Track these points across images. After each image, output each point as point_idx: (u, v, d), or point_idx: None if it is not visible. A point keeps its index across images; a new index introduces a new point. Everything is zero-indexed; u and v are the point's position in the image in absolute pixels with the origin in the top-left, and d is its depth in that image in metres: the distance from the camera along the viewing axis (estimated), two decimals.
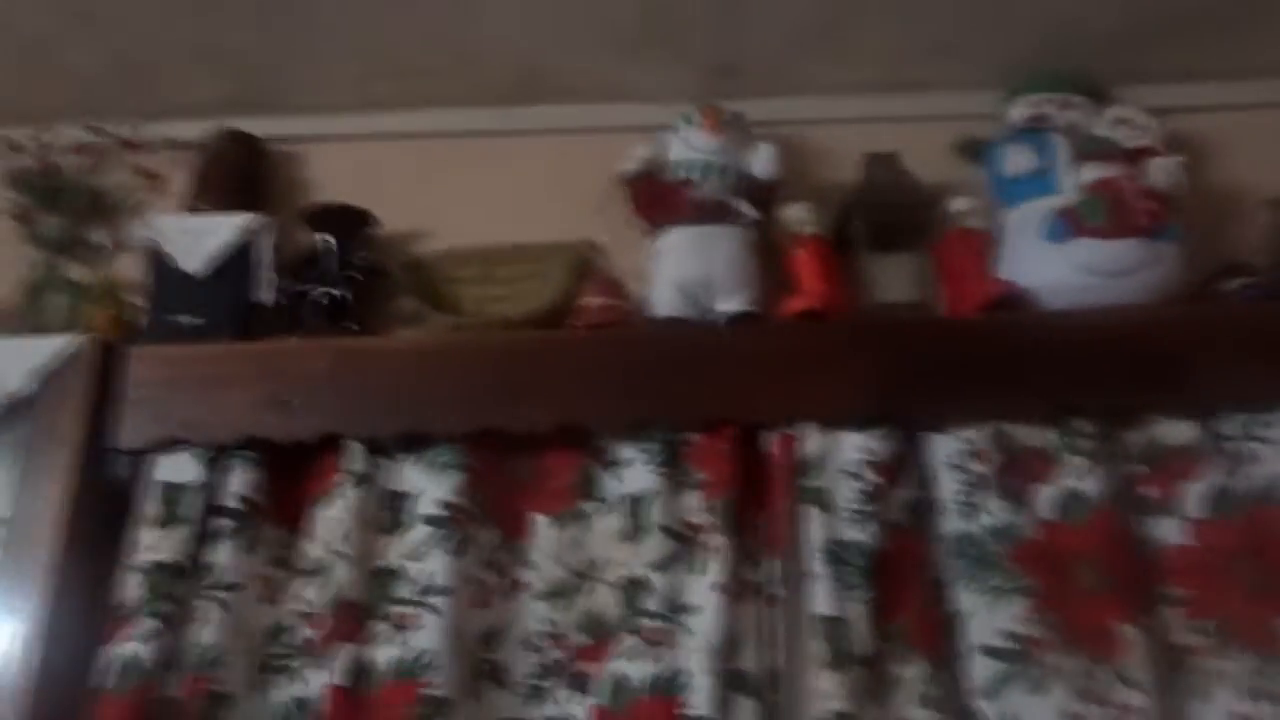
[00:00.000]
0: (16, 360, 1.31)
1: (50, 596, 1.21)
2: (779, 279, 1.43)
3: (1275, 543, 1.22)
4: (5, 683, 1.16)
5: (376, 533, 1.28)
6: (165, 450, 1.29)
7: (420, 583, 1.23)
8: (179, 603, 1.22)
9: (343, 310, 1.44)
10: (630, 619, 1.22)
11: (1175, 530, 1.25)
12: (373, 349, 1.35)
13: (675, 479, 1.29)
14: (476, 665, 1.23)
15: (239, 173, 1.54)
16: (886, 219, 1.46)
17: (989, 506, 1.24)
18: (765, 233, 1.45)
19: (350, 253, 1.47)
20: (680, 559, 1.24)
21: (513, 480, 1.33)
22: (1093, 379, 1.28)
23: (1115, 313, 1.33)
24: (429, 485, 1.29)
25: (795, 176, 1.53)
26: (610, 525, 1.29)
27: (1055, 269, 1.37)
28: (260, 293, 1.44)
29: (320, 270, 1.46)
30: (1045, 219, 1.39)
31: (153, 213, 1.53)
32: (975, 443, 1.28)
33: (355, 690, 1.18)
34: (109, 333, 1.39)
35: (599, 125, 1.61)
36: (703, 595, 1.21)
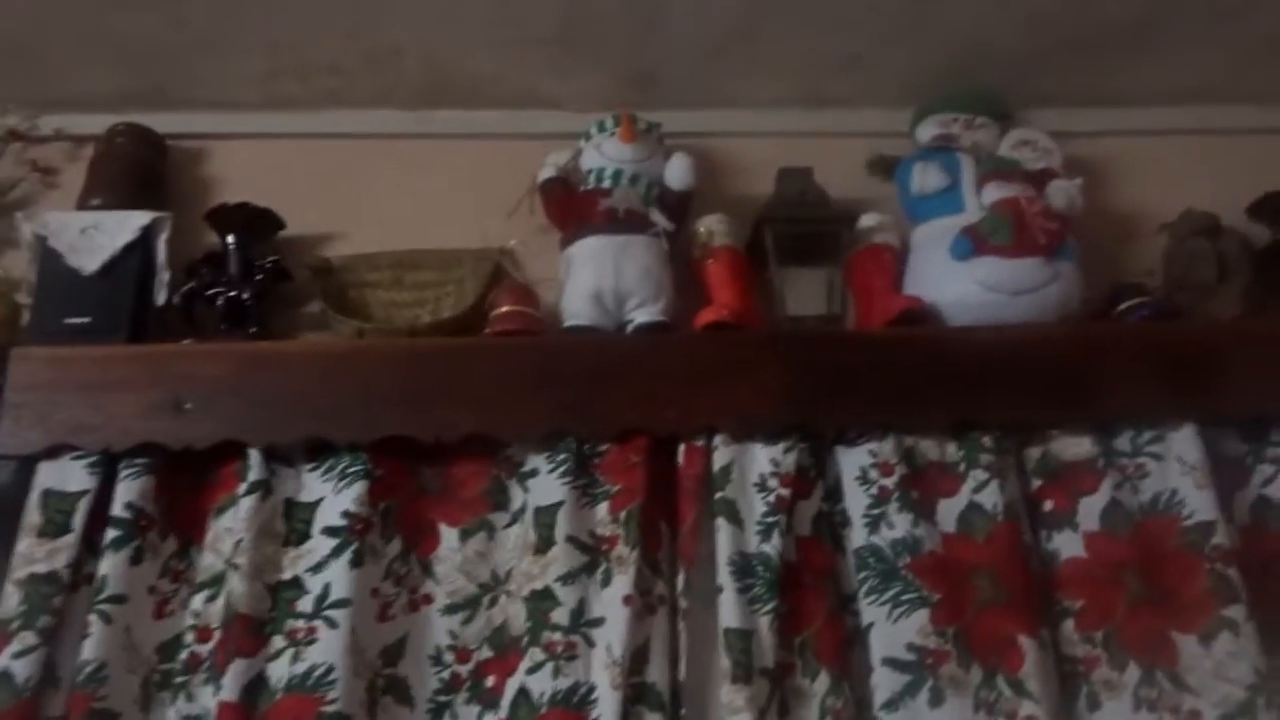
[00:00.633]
0: None
1: None
2: (691, 290, 1.44)
3: (1161, 555, 1.27)
4: None
5: (275, 544, 1.25)
6: (49, 456, 1.25)
7: (319, 595, 1.20)
8: (61, 616, 1.17)
9: (244, 313, 1.41)
10: (536, 632, 1.21)
11: (1070, 543, 1.28)
12: (274, 353, 1.32)
13: (584, 490, 1.29)
14: (377, 681, 1.21)
15: (137, 169, 1.49)
16: (798, 233, 1.48)
17: (893, 519, 1.26)
18: (678, 243, 1.46)
19: (253, 255, 1.44)
20: (588, 571, 1.24)
21: (419, 490, 1.32)
22: (994, 394, 1.31)
23: (1016, 329, 1.36)
24: (331, 495, 1.26)
25: (709, 188, 1.55)
26: (518, 537, 1.29)
27: (960, 285, 1.39)
28: (156, 294, 1.40)
29: (222, 272, 1.43)
30: (951, 237, 1.42)
31: (44, 208, 1.49)
32: (881, 455, 1.30)
33: (249, 707, 1.15)
34: None
35: (513, 131, 1.60)
36: (610, 608, 1.21)
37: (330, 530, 1.24)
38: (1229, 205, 1.53)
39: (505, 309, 1.38)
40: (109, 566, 1.19)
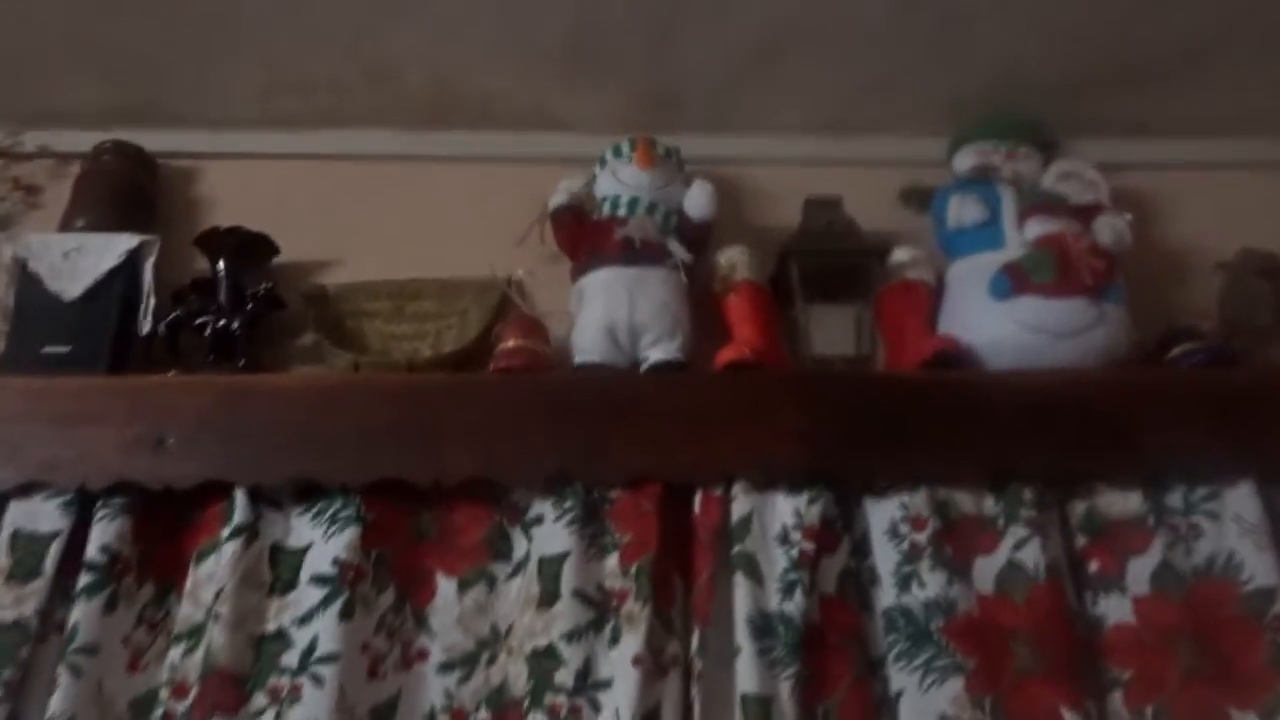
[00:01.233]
0: None
1: None
2: (710, 326, 1.43)
3: (1217, 622, 1.24)
4: None
5: (259, 592, 1.24)
6: (20, 495, 1.24)
7: (305, 649, 1.19)
8: (28, 668, 1.16)
9: (233, 344, 1.41)
10: (539, 693, 1.18)
11: (1118, 607, 1.26)
12: (263, 387, 1.31)
13: (593, 539, 1.27)
14: None
15: (124, 189, 1.50)
16: (826, 266, 1.47)
17: (925, 578, 1.24)
18: (697, 276, 1.46)
19: (245, 281, 1.45)
20: (595, 628, 1.22)
21: (415, 537, 1.30)
22: (1035, 443, 1.29)
23: (1059, 374, 1.34)
24: (320, 540, 1.25)
25: (731, 218, 1.55)
26: (520, 589, 1.27)
27: (999, 326, 1.38)
28: (141, 323, 1.40)
29: (211, 300, 1.43)
30: (990, 274, 1.41)
31: (25, 229, 1.50)
32: (912, 508, 1.28)
33: None
34: None
35: (523, 154, 1.61)
36: (619, 668, 1.19)
37: (319, 579, 1.22)
38: None
39: (511, 343, 1.37)
40: (81, 614, 1.18)
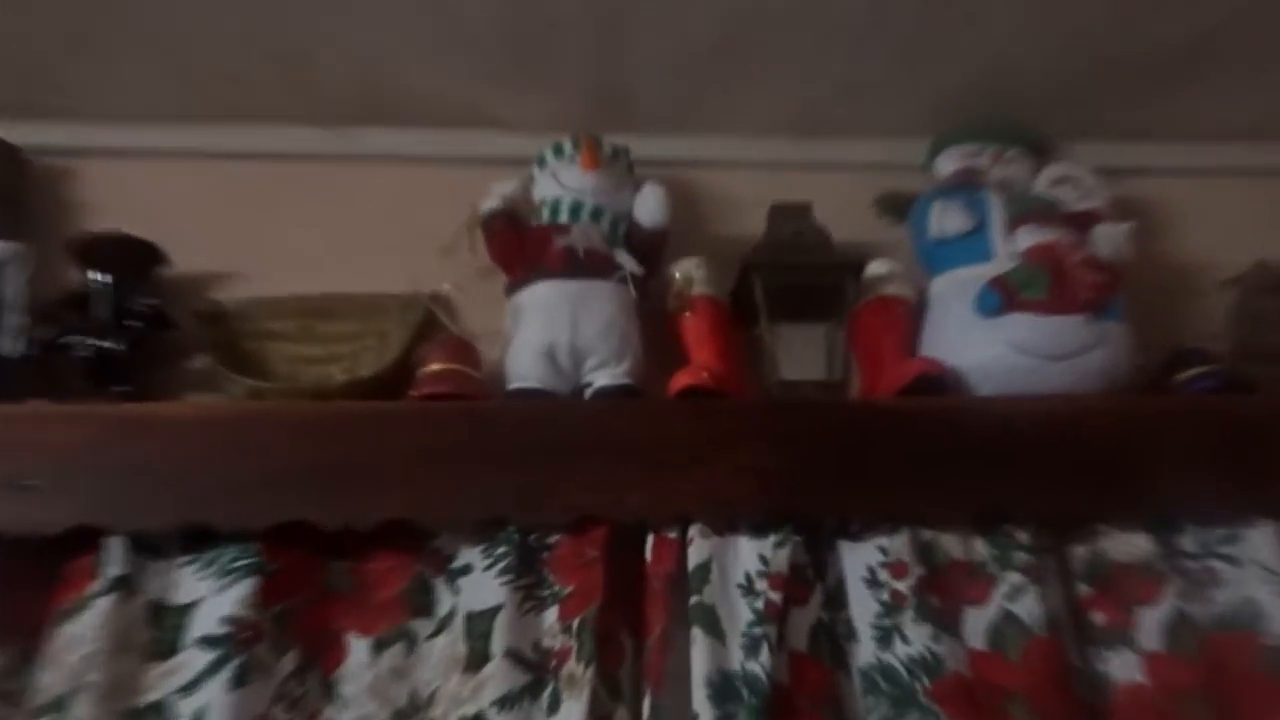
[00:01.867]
0: None
1: None
2: (664, 348, 1.43)
3: (1235, 680, 1.23)
4: None
5: (137, 658, 1.19)
6: None
7: None
8: None
9: (114, 369, 1.38)
10: None
11: (1125, 664, 1.25)
12: (148, 418, 1.27)
13: (529, 592, 1.26)
14: None
15: None
16: (794, 282, 1.46)
17: (908, 632, 1.23)
18: (649, 292, 1.46)
19: (129, 296, 1.42)
20: (531, 693, 1.20)
21: (322, 590, 1.28)
22: (1029, 479, 1.28)
23: (1055, 401, 1.33)
24: (210, 595, 1.21)
25: (687, 226, 1.56)
26: (444, 649, 1.24)
27: (986, 347, 1.38)
28: (5, 341, 1.37)
29: (89, 316, 1.40)
30: (976, 289, 1.41)
31: None
32: (893, 553, 1.28)
33: None
34: None
35: (453, 154, 1.61)
36: None
37: (207, 641, 1.18)
38: None
39: (436, 367, 1.36)
40: None
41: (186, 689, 1.16)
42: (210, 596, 1.21)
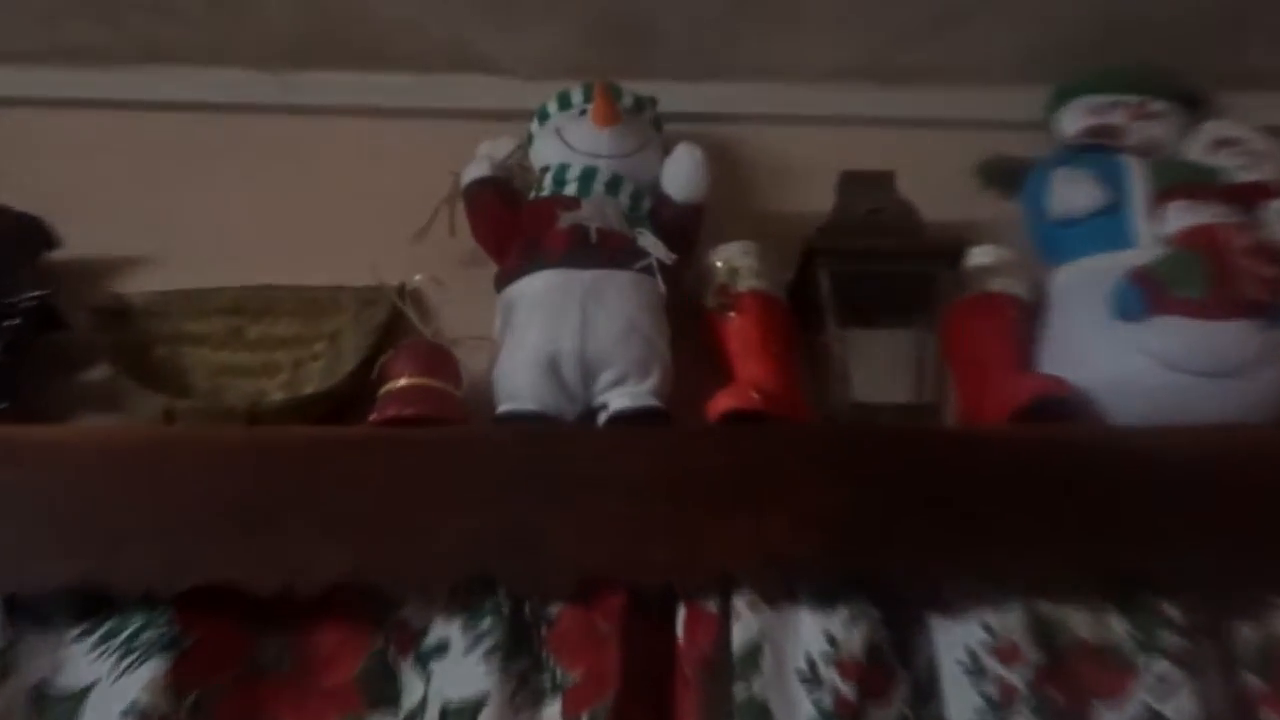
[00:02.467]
0: None
1: None
2: (701, 359, 1.42)
3: None
4: None
5: None
6: None
7: None
8: None
9: None
10: None
11: None
12: (29, 444, 1.25)
13: (523, 679, 1.23)
14: None
15: None
16: (871, 273, 1.45)
17: None
18: (682, 286, 1.45)
19: (7, 286, 1.42)
20: None
21: (254, 671, 1.26)
22: (1182, 536, 1.25)
23: (1215, 432, 1.31)
24: (109, 677, 1.19)
25: (731, 200, 1.56)
26: None
27: (1125, 360, 1.36)
28: None
29: None
30: (1111, 284, 1.39)
31: None
32: (1001, 632, 1.24)
33: None
34: None
35: (428, 105, 1.63)
36: None
37: None
38: None
39: (404, 383, 1.35)
40: None
41: None
42: (107, 680, 1.19)
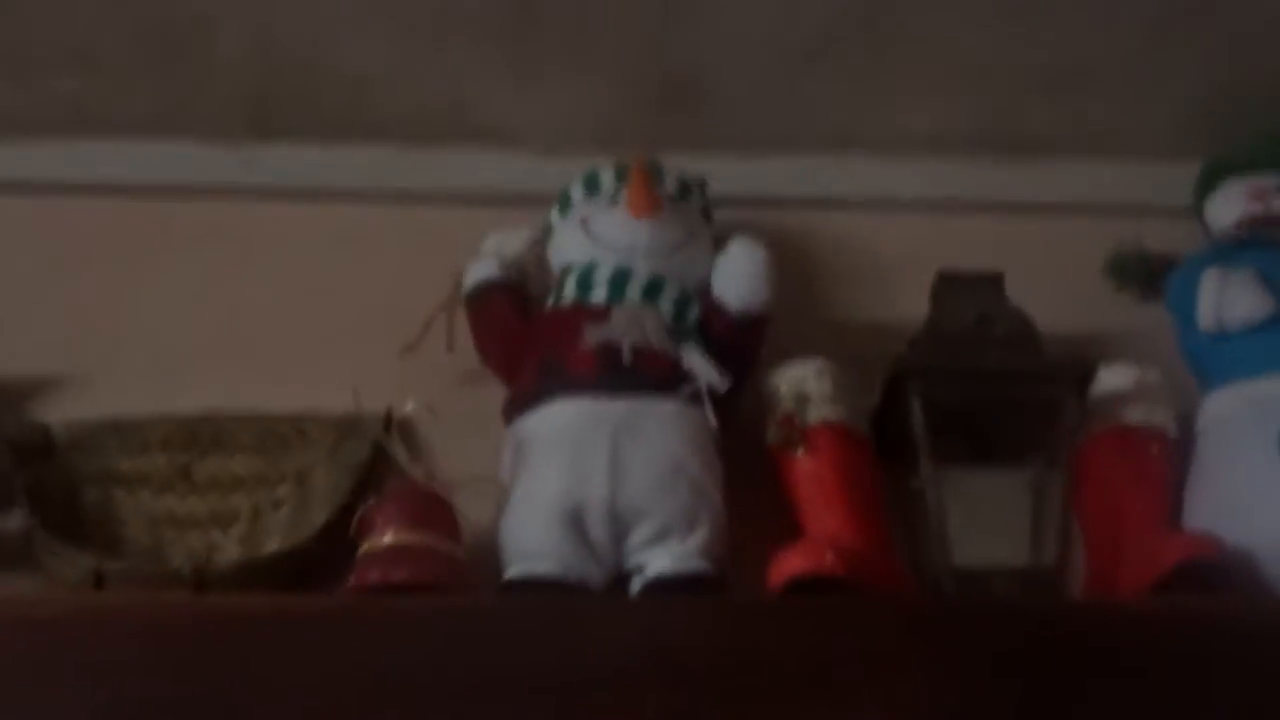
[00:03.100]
0: None
1: None
2: (761, 509, 1.42)
3: None
4: None
5: None
6: None
7: None
8: None
9: None
10: None
11: None
12: None
13: None
14: None
15: None
16: (976, 400, 1.46)
17: None
18: (738, 416, 1.45)
19: None
20: None
21: None
22: None
23: None
24: None
25: (801, 306, 1.56)
26: None
27: None
28: None
29: None
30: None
31: None
32: None
33: None
34: None
35: (419, 187, 1.64)
36: None
37: None
38: None
39: (389, 539, 1.33)
40: None
41: None
42: None
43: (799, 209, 1.63)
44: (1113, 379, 1.47)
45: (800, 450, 1.41)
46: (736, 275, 1.45)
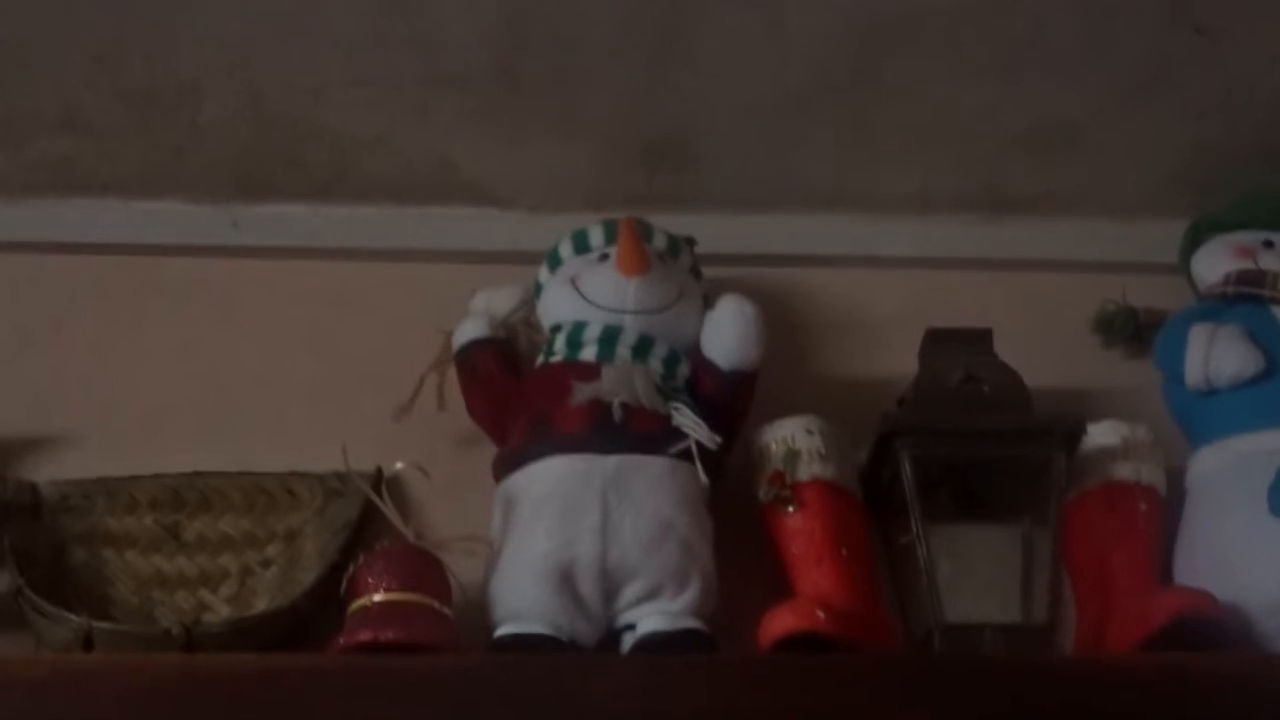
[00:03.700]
0: None
1: None
2: (751, 566, 1.42)
3: None
4: None
5: None
6: None
7: None
8: None
9: None
10: None
11: None
12: None
13: None
14: None
15: None
16: (966, 457, 1.46)
17: None
18: (727, 474, 1.44)
19: None
20: None
21: None
22: None
23: None
24: None
25: (790, 364, 1.56)
26: None
27: None
28: None
29: None
30: (1268, 470, 1.38)
31: None
32: None
33: None
34: None
35: (406, 246, 1.64)
36: None
37: None
38: None
39: (379, 598, 1.33)
40: None
41: None
42: None
43: (787, 266, 1.64)
44: (1101, 435, 1.46)
45: (791, 507, 1.41)
46: (725, 333, 1.45)
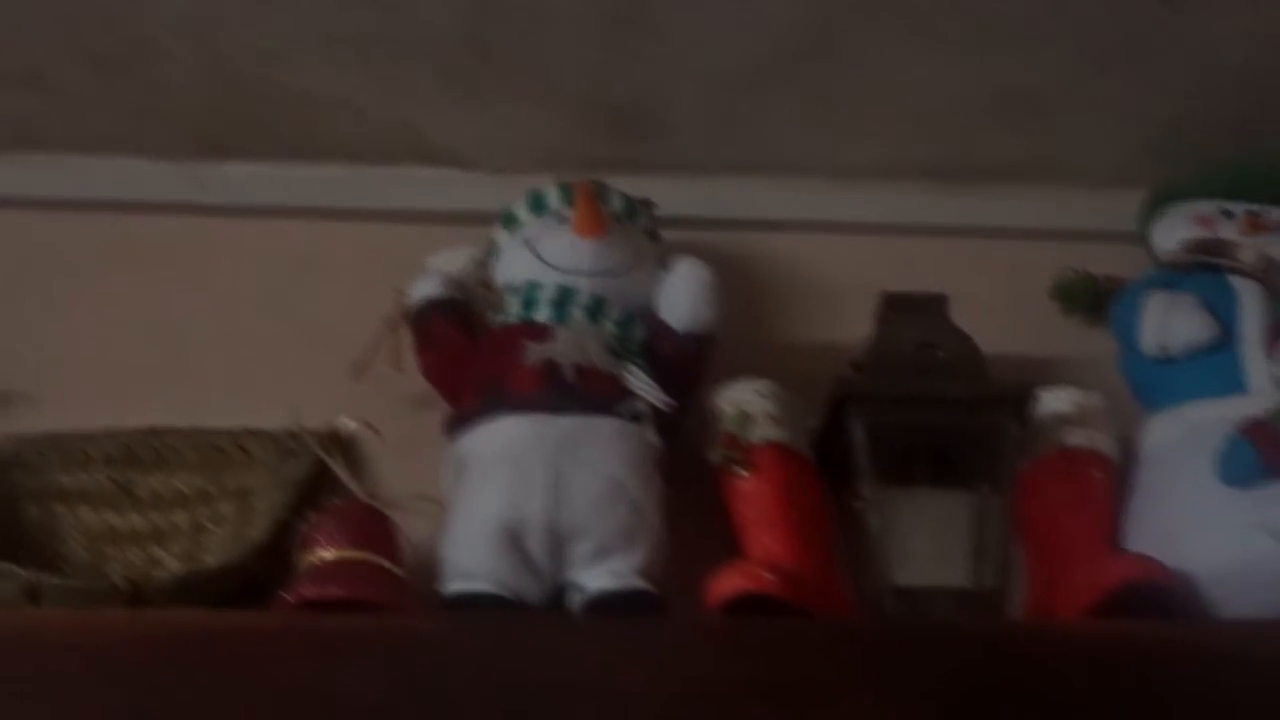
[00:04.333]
0: None
1: None
2: (701, 529, 1.41)
3: None
4: None
5: None
6: None
7: None
8: None
9: None
10: None
11: None
12: None
13: None
14: None
15: None
16: (918, 423, 1.46)
17: None
18: (681, 437, 1.45)
19: None
20: None
21: None
22: None
23: None
24: None
25: (745, 327, 1.56)
26: None
27: (1237, 538, 1.35)
28: None
29: None
30: (1219, 439, 1.38)
31: None
32: None
33: None
34: None
35: (364, 206, 1.65)
36: None
37: None
38: None
39: (330, 556, 1.34)
40: None
41: None
42: None
43: (748, 231, 1.64)
44: (1054, 402, 1.47)
45: (743, 471, 1.41)
46: (681, 295, 1.47)
